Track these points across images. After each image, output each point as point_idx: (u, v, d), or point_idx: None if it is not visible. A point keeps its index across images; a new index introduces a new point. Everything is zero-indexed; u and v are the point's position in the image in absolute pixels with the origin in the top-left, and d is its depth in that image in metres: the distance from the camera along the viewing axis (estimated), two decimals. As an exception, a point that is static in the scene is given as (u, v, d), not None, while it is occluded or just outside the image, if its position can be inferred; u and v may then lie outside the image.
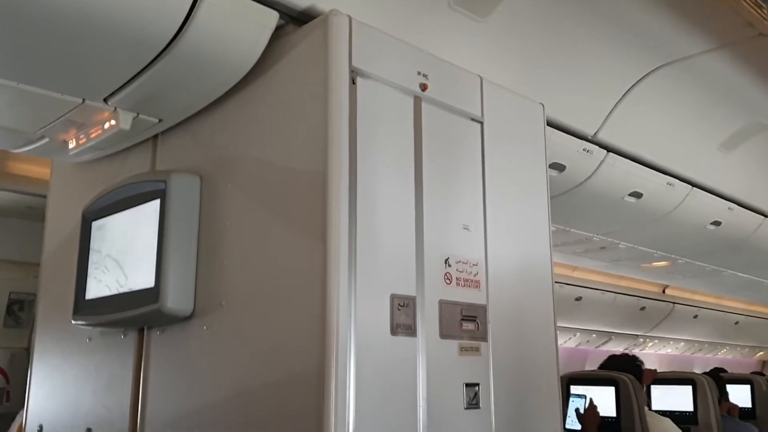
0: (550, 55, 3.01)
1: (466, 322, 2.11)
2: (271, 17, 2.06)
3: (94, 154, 2.59)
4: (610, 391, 3.95)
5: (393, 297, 1.92)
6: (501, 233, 2.28)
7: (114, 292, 2.34)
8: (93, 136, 2.35)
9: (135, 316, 2.24)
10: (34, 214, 3.89)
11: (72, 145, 2.44)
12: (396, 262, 1.97)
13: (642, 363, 4.25)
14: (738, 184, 4.60)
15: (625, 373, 4.00)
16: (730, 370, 6.88)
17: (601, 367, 4.32)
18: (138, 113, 2.27)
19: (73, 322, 2.51)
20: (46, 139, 2.45)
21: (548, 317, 2.42)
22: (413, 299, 1.97)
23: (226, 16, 1.98)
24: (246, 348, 2.00)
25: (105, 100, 2.19)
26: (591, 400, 3.84)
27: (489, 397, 2.12)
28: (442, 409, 1.98)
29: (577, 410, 3.80)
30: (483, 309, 2.16)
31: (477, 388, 2.09)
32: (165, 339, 2.28)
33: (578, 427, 3.76)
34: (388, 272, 1.94)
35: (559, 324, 2.48)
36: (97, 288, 2.43)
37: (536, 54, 2.96)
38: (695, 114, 3.85)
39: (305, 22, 2.08)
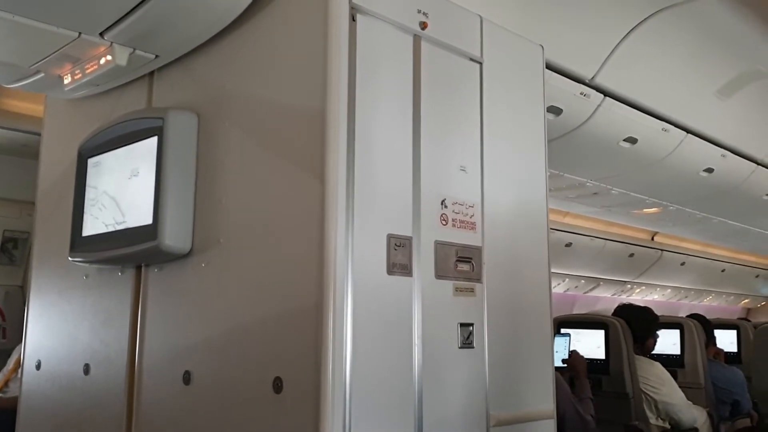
0: (550, -4, 2.98)
1: (461, 263, 2.13)
2: (270, -48, 2.03)
3: (89, 90, 2.56)
4: (600, 334, 4.02)
5: (390, 237, 1.94)
6: (498, 176, 2.29)
7: (111, 229, 2.34)
8: (89, 71, 2.31)
9: (133, 253, 2.24)
10: (28, 152, 3.87)
11: (67, 80, 2.41)
12: (393, 203, 1.98)
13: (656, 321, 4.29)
14: (733, 131, 4.61)
15: (619, 318, 4.08)
16: (716, 316, 6.98)
17: (616, 313, 4.36)
18: (134, 49, 2.24)
19: (69, 259, 2.51)
20: (41, 74, 2.42)
21: (542, 260, 2.44)
22: (410, 239, 1.99)
23: (224, -50, 1.95)
24: (244, 285, 2.02)
25: (101, 34, 2.15)
26: (575, 351, 3.90)
27: (483, 337, 2.15)
28: (436, 348, 2.01)
29: (564, 360, 3.87)
30: (478, 250, 2.18)
31: (471, 328, 2.12)
32: (163, 276, 2.29)
33: (563, 363, 3.83)
34: (385, 212, 1.95)
35: (548, 269, 2.51)
36: (93, 225, 2.43)
37: (536, -5, 2.93)
38: (693, 60, 3.83)
39: (305, -42, 2.04)
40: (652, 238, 8.86)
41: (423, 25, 2.11)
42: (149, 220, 2.17)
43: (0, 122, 3.74)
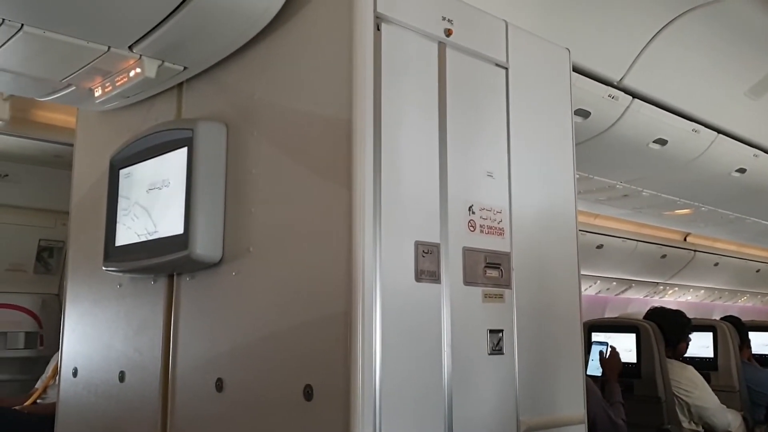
0: (577, -1, 2.97)
1: (489, 270, 2.12)
2: (295, -36, 2.05)
3: (119, 102, 2.61)
4: (631, 337, 3.99)
5: (417, 244, 1.94)
6: (525, 180, 2.28)
7: (143, 239, 2.38)
8: (119, 84, 2.36)
9: (165, 262, 2.28)
10: (60, 163, 3.93)
11: (98, 93, 2.45)
12: (420, 210, 1.99)
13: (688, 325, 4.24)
14: (765, 131, 4.55)
15: (651, 321, 4.03)
16: (751, 317, 6.87)
17: (647, 316, 4.32)
18: (163, 61, 2.27)
19: (103, 268, 2.56)
20: (72, 87, 2.46)
21: (572, 265, 2.43)
22: (437, 246, 1.99)
23: (250, -37, 1.97)
24: (274, 293, 2.04)
25: (130, 47, 2.19)
26: (613, 348, 3.88)
27: (512, 343, 2.14)
28: (466, 355, 2.01)
29: (600, 352, 3.85)
30: (507, 256, 2.18)
31: (501, 334, 2.11)
32: (195, 285, 2.32)
33: (599, 373, 3.80)
34: (413, 219, 1.96)
35: (580, 272, 2.50)
36: (126, 235, 2.47)
37: (562, -2, 2.92)
38: (723, 59, 3.79)
39: (329, -31, 2.06)
40: (685, 239, 8.75)
41: (448, 32, 2.11)
42: (180, 230, 2.20)
43: (33, 133, 3.80)
